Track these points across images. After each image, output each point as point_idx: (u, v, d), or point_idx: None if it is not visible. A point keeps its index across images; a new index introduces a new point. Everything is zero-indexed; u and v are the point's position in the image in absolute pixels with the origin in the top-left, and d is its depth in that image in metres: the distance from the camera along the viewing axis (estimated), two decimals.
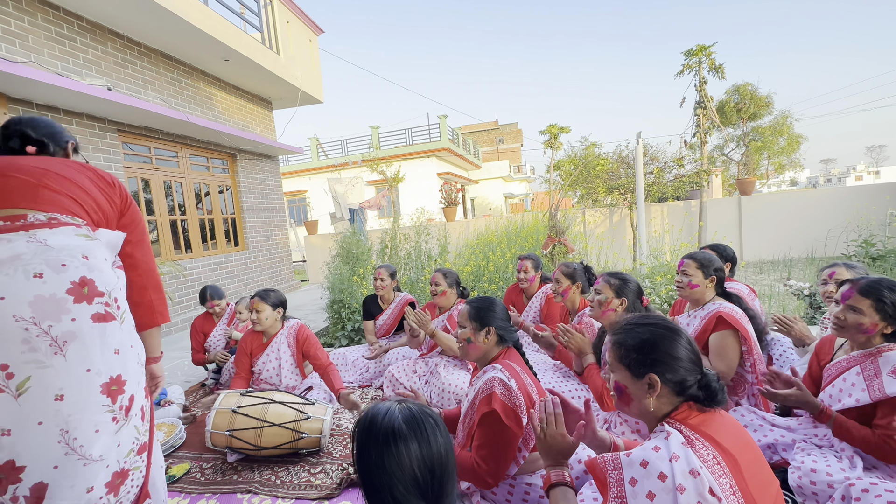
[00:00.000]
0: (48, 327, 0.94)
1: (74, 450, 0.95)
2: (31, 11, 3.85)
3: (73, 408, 0.95)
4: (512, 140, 36.90)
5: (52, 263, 0.98)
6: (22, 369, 0.91)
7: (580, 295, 2.48)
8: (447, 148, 16.65)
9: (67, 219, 1.07)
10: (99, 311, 1.02)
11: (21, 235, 0.99)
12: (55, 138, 1.30)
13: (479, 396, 1.50)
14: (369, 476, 0.87)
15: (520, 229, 5.58)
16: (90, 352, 0.99)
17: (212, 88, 6.31)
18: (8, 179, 1.06)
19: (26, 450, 0.91)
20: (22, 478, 0.91)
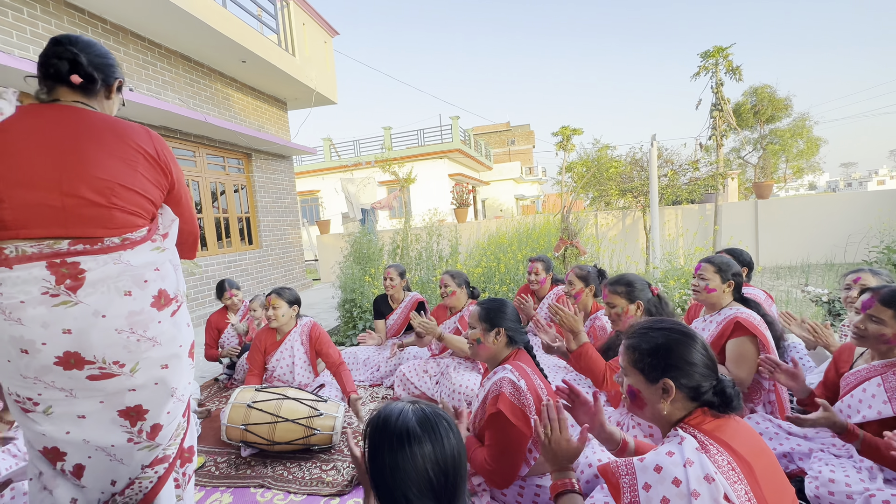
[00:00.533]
0: (143, 332, 1.16)
1: (178, 398, 1.26)
2: (59, 14, 3.97)
3: (174, 372, 1.24)
4: (524, 142, 36.78)
5: (136, 281, 1.15)
6: (130, 360, 1.15)
7: (593, 298, 2.47)
8: (459, 149, 16.67)
9: (137, 235, 1.18)
10: (173, 309, 1.25)
11: (105, 258, 1.11)
12: (106, 71, 1.20)
13: (489, 396, 1.51)
14: (382, 477, 0.88)
15: (531, 231, 5.56)
16: (177, 336, 1.24)
17: (229, 89, 6.42)
18: (79, 203, 1.07)
19: (147, 401, 1.19)
20: (146, 418, 1.20)
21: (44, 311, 1.04)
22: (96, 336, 1.08)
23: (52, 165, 1.07)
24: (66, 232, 1.08)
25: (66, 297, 1.05)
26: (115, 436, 1.18)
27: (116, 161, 1.13)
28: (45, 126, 1.10)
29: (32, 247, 1.05)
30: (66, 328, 1.06)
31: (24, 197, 1.05)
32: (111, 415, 1.16)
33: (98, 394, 1.14)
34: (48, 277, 1.04)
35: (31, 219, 1.05)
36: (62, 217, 1.07)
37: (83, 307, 1.06)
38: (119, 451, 1.20)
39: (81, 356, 1.08)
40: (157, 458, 1.26)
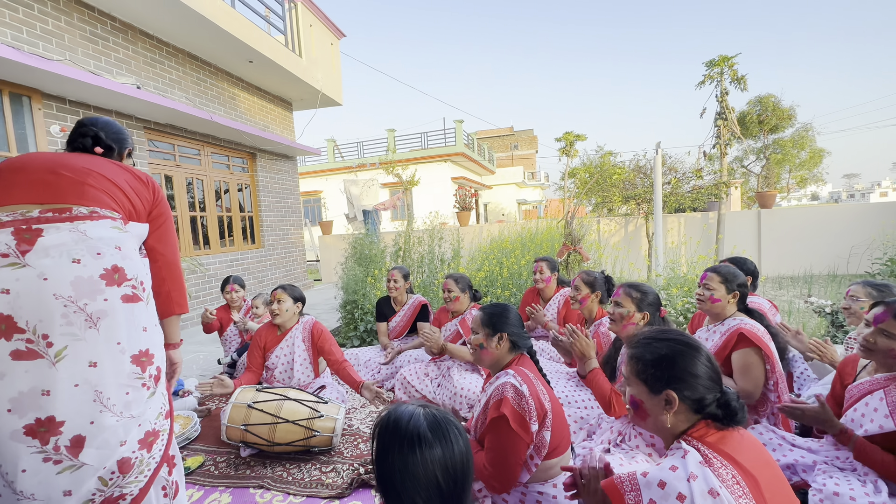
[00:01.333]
0: (83, 305, 1.07)
1: (108, 408, 1.09)
2: (68, 11, 3.99)
3: (106, 374, 1.09)
4: (527, 146, 36.83)
5: (90, 251, 1.11)
6: (60, 340, 1.05)
7: (598, 304, 2.47)
8: (462, 152, 16.70)
9: (105, 212, 1.20)
10: (127, 293, 1.15)
11: (66, 226, 1.12)
12: (120, 144, 1.46)
13: (491, 401, 1.50)
14: (391, 480, 0.88)
15: (534, 236, 5.56)
16: (120, 327, 1.12)
17: (235, 89, 6.45)
18: (59, 177, 1.20)
19: (64, 408, 1.04)
20: (62, 430, 1.04)
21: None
22: (33, 299, 1.03)
23: (44, 161, 1.23)
24: (40, 199, 1.15)
25: (15, 260, 1.05)
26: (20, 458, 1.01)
27: (98, 164, 1.29)
28: (55, 153, 1.31)
29: (7, 215, 1.11)
30: (4, 288, 1.03)
31: (13, 178, 1.18)
32: (16, 429, 1.01)
33: (12, 387, 1.02)
34: (10, 242, 1.07)
35: (13, 193, 1.15)
36: (38, 188, 1.16)
37: (29, 270, 1.05)
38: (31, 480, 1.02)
39: (13, 320, 1.02)
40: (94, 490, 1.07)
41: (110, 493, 1.09)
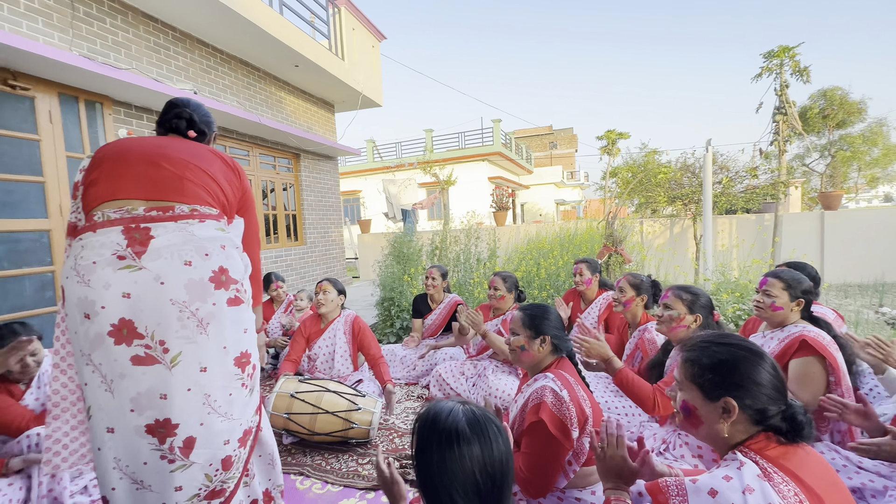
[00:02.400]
0: (195, 310, 1.11)
1: (215, 410, 1.15)
2: (135, 24, 4.32)
3: (214, 378, 1.14)
4: (566, 145, 36.03)
5: (198, 251, 1.14)
6: (175, 345, 1.09)
7: (643, 309, 2.37)
8: (499, 152, 16.57)
9: (205, 210, 1.23)
10: (231, 297, 1.18)
11: (172, 225, 1.15)
12: (210, 127, 1.48)
13: (529, 404, 1.47)
14: (429, 474, 0.88)
15: (573, 236, 5.43)
16: (226, 331, 1.16)
17: (281, 92, 6.73)
18: (159, 171, 1.21)
19: (179, 411, 1.10)
20: (177, 433, 1.11)
21: (109, 272, 1.08)
22: (151, 303, 1.08)
23: (142, 150, 1.25)
24: (145, 195, 1.18)
25: (131, 262, 1.09)
26: (142, 455, 1.10)
27: (195, 153, 1.29)
28: (149, 139, 1.32)
29: (115, 212, 1.15)
30: (125, 291, 1.07)
31: (118, 170, 1.21)
32: (140, 429, 1.09)
33: (134, 389, 1.08)
34: (121, 241, 1.11)
35: (119, 188, 1.18)
36: (141, 183, 1.19)
37: (145, 272, 1.08)
38: (150, 473, 1.11)
39: (134, 325, 1.07)
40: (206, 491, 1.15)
41: (213, 487, 1.16)
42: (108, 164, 1.22)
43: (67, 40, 3.62)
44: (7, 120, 3.17)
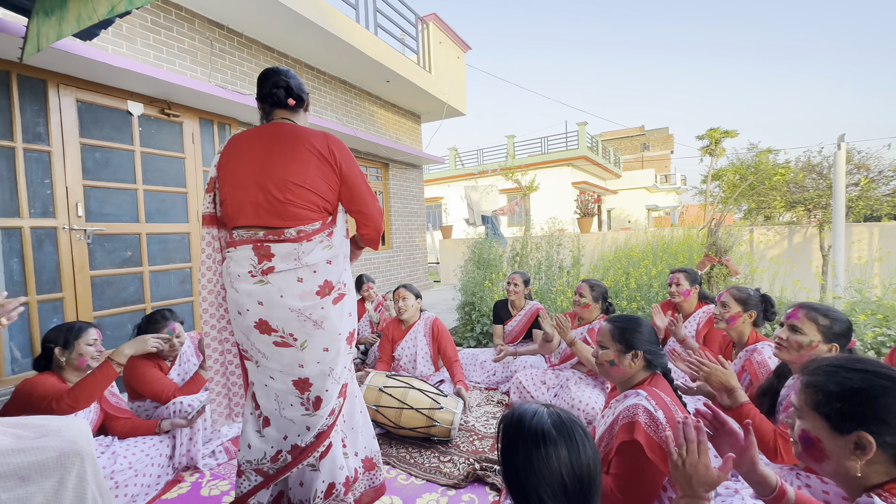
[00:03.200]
0: (309, 314, 1.43)
1: (335, 378, 1.51)
2: (256, 55, 4.98)
3: (333, 354, 1.49)
4: (660, 146, 33.35)
5: (308, 269, 1.43)
6: (300, 336, 1.44)
7: (751, 327, 2.12)
8: (584, 156, 15.91)
9: (309, 228, 1.45)
10: (335, 297, 1.49)
11: (286, 247, 1.41)
12: (304, 93, 1.59)
13: (620, 422, 1.40)
14: (516, 473, 0.90)
15: (667, 245, 5.02)
16: (336, 323, 1.49)
17: (374, 107, 7.23)
18: (266, 196, 1.40)
19: (312, 376, 1.47)
20: (311, 390, 1.48)
21: (248, 285, 1.42)
22: (277, 310, 1.41)
23: (252, 170, 1.43)
24: (260, 222, 1.43)
25: (261, 279, 1.42)
26: (292, 398, 1.48)
27: (292, 162, 1.42)
28: (255, 139, 1.47)
29: (245, 232, 1.45)
30: (259, 300, 1.41)
31: (237, 195, 1.45)
32: (288, 382, 1.47)
33: (280, 360, 1.45)
34: (253, 257, 1.42)
35: (242, 212, 1.44)
36: (256, 210, 1.42)
37: (270, 287, 1.41)
38: (292, 412, 1.48)
39: (269, 324, 1.42)
40: (320, 430, 1.50)
41: (319, 430, 1.51)
42: (230, 188, 1.45)
43: (207, 73, 4.30)
44: (163, 142, 3.86)
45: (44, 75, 3.03)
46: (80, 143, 3.23)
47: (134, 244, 3.60)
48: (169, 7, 3.95)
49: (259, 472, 1.52)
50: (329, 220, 1.52)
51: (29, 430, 1.37)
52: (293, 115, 1.56)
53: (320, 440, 1.51)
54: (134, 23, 3.67)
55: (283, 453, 1.50)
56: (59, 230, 3.11)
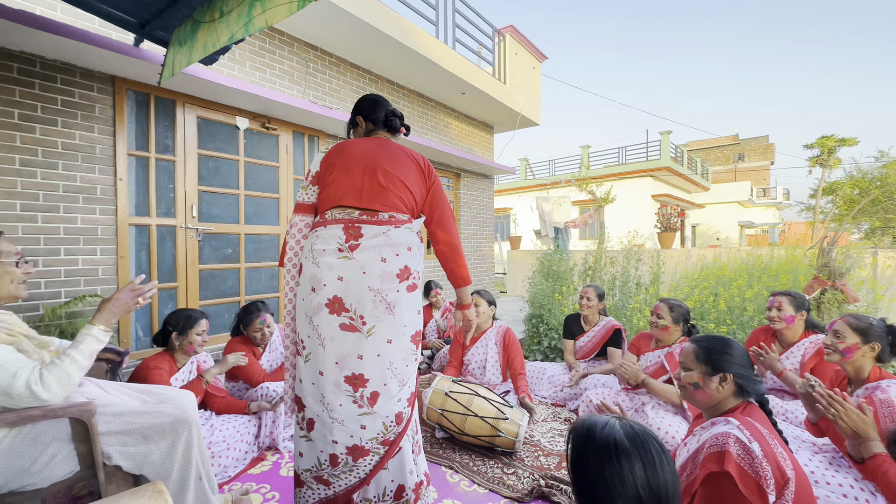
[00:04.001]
0: (385, 295, 1.45)
1: (395, 375, 1.48)
2: (344, 73, 5.39)
3: (396, 350, 1.48)
4: (757, 157, 30.13)
5: (392, 251, 1.47)
6: (370, 320, 1.44)
7: (873, 362, 1.83)
8: (667, 167, 14.86)
9: (400, 216, 1.54)
10: (410, 284, 1.51)
11: (376, 229, 1.49)
12: (401, 121, 1.79)
13: (706, 451, 1.27)
14: (586, 486, 0.87)
15: (766, 266, 4.49)
16: (406, 312, 1.49)
17: (448, 118, 7.43)
18: (372, 182, 1.53)
19: (370, 369, 1.45)
20: (366, 385, 1.45)
21: (332, 259, 1.46)
22: (355, 286, 1.43)
23: (362, 160, 1.57)
24: (360, 203, 1.52)
25: (347, 255, 1.46)
26: (342, 397, 1.44)
27: (397, 163, 1.59)
28: (366, 143, 1.64)
29: (340, 213, 1.53)
30: (340, 275, 1.44)
31: (344, 180, 1.55)
32: (340, 377, 1.43)
33: (340, 349, 1.43)
34: (341, 235, 1.49)
35: (345, 195, 1.54)
36: (359, 193, 1.53)
37: (354, 262, 1.45)
38: (342, 412, 1.44)
39: (342, 302, 1.44)
40: (382, 437, 1.45)
41: (387, 437, 1.48)
42: (338, 174, 1.57)
43: (301, 91, 4.74)
44: (262, 153, 4.32)
45: (173, 96, 3.55)
46: (197, 153, 3.72)
47: (234, 243, 4.04)
48: (273, 33, 4.43)
49: (319, 480, 1.48)
50: (413, 222, 1.61)
51: (151, 396, 1.60)
52: (391, 136, 1.76)
53: (391, 449, 1.46)
54: (245, 49, 4.17)
55: (343, 456, 1.45)
56: (178, 228, 3.60)
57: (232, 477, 2.08)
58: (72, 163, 3.04)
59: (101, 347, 1.39)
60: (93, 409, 1.31)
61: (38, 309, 2.89)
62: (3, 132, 2.77)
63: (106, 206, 3.20)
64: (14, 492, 1.26)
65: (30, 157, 2.87)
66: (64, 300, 2.99)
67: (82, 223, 3.09)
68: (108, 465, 1.36)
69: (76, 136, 3.06)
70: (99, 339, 1.39)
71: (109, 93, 3.21)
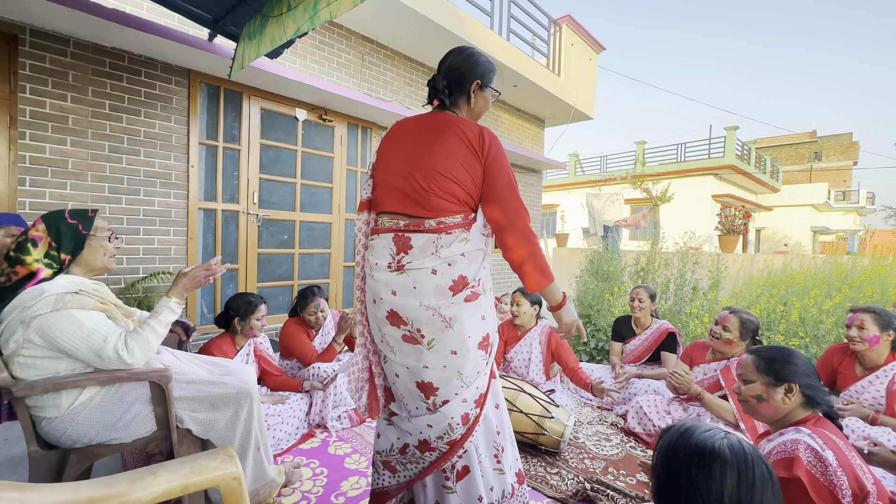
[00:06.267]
0: (440, 310, 1.32)
1: (465, 383, 1.37)
2: (398, 66, 5.45)
3: (462, 359, 1.35)
4: (838, 156, 27.38)
5: (443, 262, 1.32)
6: (428, 333, 1.33)
7: None
8: (732, 165, 13.85)
9: (450, 220, 1.34)
10: (468, 294, 1.34)
11: (424, 238, 1.34)
12: (460, 84, 1.43)
13: (774, 457, 1.18)
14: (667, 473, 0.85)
15: (847, 276, 4.07)
16: (467, 324, 1.34)
17: (499, 111, 7.33)
18: (411, 184, 1.35)
19: (438, 380, 1.36)
20: (437, 394, 1.36)
21: (384, 275, 1.36)
22: (409, 302, 1.32)
23: (403, 158, 1.39)
24: (404, 209, 1.36)
25: (397, 269, 1.35)
26: (418, 401, 1.40)
27: (441, 151, 1.34)
28: (413, 126, 1.43)
29: (388, 221, 1.40)
30: (393, 290, 1.34)
31: (388, 181, 1.41)
32: (412, 383, 1.39)
33: (407, 358, 1.37)
34: (392, 246, 1.36)
35: (389, 198, 1.40)
36: (402, 197, 1.37)
37: (405, 276, 1.33)
38: (417, 415, 1.41)
39: (399, 316, 1.34)
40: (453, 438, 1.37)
41: (453, 437, 1.39)
42: (381, 173, 1.44)
43: (357, 83, 4.85)
44: (318, 143, 4.48)
45: (240, 88, 3.75)
46: (260, 143, 3.93)
47: (289, 229, 4.24)
48: (333, 27, 4.57)
49: (387, 465, 1.48)
50: (472, 217, 1.38)
51: (217, 367, 1.71)
52: (453, 108, 1.47)
53: (454, 449, 1.39)
54: (306, 42, 4.33)
55: (411, 447, 1.42)
56: (240, 214, 3.82)
57: (284, 450, 2.20)
58: (151, 150, 3.31)
59: (175, 318, 1.51)
60: (169, 375, 1.42)
61: (119, 283, 3.19)
62: (97, 121, 3.06)
63: (179, 191, 3.46)
64: (102, 444, 1.40)
65: (117, 144, 3.16)
66: (142, 276, 3.28)
67: (159, 206, 3.36)
68: (181, 428, 1.48)
69: (156, 125, 3.32)
70: (174, 311, 1.50)
71: (185, 85, 3.45)
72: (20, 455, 2.08)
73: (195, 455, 0.77)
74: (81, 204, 3.00)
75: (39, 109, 2.84)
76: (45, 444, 1.40)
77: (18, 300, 1.31)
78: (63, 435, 1.36)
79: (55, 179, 2.92)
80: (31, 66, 2.80)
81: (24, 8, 2.58)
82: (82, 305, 1.34)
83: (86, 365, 1.35)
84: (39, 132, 2.85)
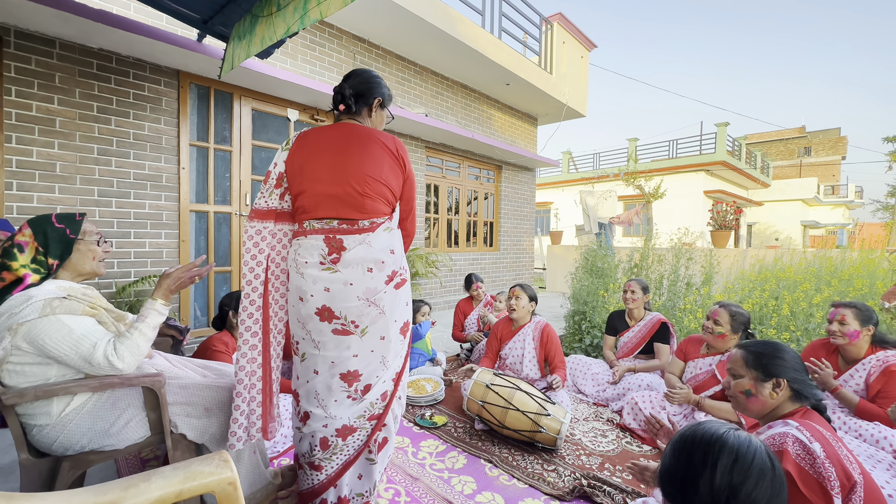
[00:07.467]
0: (375, 300, 1.47)
1: (386, 366, 1.55)
2: (389, 64, 5.44)
3: (389, 344, 1.53)
4: (826, 151, 27.74)
5: (376, 260, 1.47)
6: (363, 323, 1.47)
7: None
8: (723, 161, 13.98)
9: (380, 220, 1.50)
10: (398, 282, 1.54)
11: (357, 238, 1.45)
12: (364, 96, 1.57)
13: None
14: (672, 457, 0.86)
15: (835, 269, 4.13)
16: (395, 309, 1.53)
17: (491, 109, 7.33)
18: (345, 190, 1.44)
19: (364, 366, 1.50)
20: (360, 380, 1.51)
21: (316, 272, 1.44)
22: (343, 298, 1.43)
23: (333, 167, 1.46)
24: (337, 214, 1.46)
25: (330, 266, 1.44)
26: (338, 394, 1.48)
27: (368, 158, 1.47)
28: (328, 138, 1.50)
29: (318, 223, 1.47)
30: (326, 287, 1.43)
31: (316, 189, 1.46)
32: (334, 377, 1.47)
33: (332, 351, 1.46)
34: (323, 247, 1.44)
35: (319, 204, 1.46)
36: (336, 203, 1.45)
37: (339, 275, 1.43)
38: (337, 408, 1.48)
39: (332, 311, 1.44)
40: (375, 413, 1.52)
41: (374, 412, 1.54)
42: (308, 182, 1.46)
43: None
44: None
45: (231, 89, 3.72)
46: (251, 144, 3.89)
47: None
48: (323, 27, 4.54)
49: (311, 465, 1.51)
50: (394, 213, 1.58)
51: (210, 371, 1.70)
52: (358, 117, 1.59)
53: (377, 426, 1.52)
54: (296, 42, 4.30)
55: (332, 438, 1.48)
56: (233, 215, 3.79)
57: (280, 452, 2.19)
58: (141, 152, 3.28)
59: (162, 320, 1.49)
60: (162, 380, 1.41)
61: (110, 287, 3.15)
62: (85, 124, 3.02)
63: (170, 194, 3.42)
64: (95, 451, 1.38)
65: (106, 146, 3.12)
66: (133, 279, 3.24)
67: (149, 209, 3.33)
68: (175, 433, 1.47)
69: (145, 127, 3.29)
70: (160, 312, 1.48)
71: (174, 86, 3.42)
72: (11, 463, 2.05)
73: (190, 460, 0.76)
74: (70, 208, 2.96)
75: (26, 112, 2.80)
76: (37, 452, 1.38)
77: (5, 306, 1.29)
78: (55, 442, 1.34)
79: (43, 183, 2.88)
80: (17, 69, 2.76)
81: (8, 9, 2.53)
82: (71, 311, 1.32)
83: (76, 371, 1.33)
84: (26, 135, 2.80)
